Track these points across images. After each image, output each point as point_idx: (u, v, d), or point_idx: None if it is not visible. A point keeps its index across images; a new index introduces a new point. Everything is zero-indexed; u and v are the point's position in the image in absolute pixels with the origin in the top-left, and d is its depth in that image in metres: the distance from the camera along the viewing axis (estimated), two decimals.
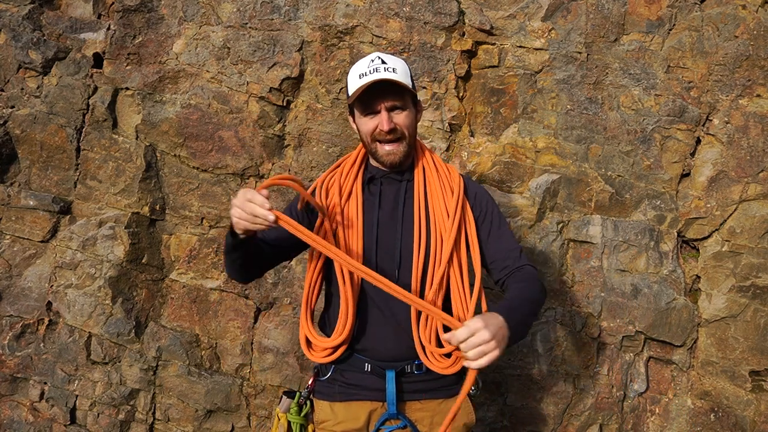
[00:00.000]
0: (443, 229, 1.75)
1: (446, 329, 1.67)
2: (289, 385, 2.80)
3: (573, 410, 2.72)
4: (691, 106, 2.61)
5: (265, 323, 2.86)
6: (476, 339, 1.36)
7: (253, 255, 1.72)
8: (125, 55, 2.86)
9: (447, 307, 1.75)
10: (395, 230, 1.78)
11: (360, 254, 1.74)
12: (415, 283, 1.72)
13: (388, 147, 1.76)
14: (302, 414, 1.84)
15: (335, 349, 1.74)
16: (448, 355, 1.70)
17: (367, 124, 1.77)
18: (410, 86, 1.76)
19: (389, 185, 1.84)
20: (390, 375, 1.74)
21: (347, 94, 1.82)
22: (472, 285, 1.73)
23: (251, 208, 1.47)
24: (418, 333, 1.70)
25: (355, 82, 1.76)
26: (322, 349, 1.74)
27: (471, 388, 1.79)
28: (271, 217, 1.46)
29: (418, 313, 1.71)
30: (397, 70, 1.73)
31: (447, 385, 1.77)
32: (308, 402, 1.86)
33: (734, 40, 2.55)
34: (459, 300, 1.72)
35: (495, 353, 1.37)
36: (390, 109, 1.73)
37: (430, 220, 1.78)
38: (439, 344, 1.70)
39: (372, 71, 1.72)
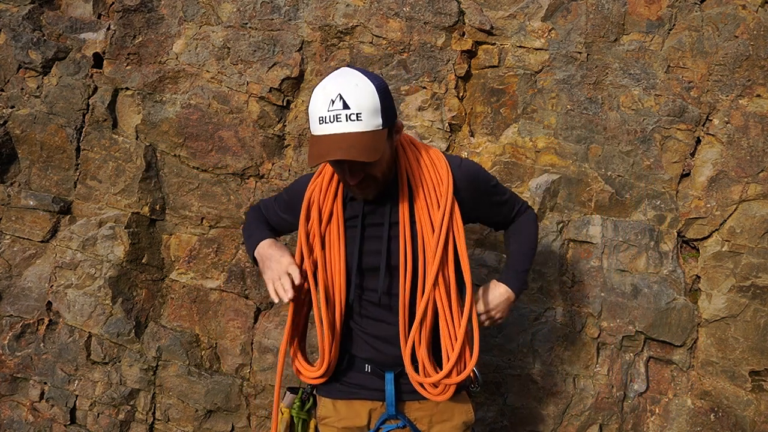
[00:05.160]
0: (429, 248, 1.65)
1: (437, 352, 1.71)
2: (289, 385, 2.80)
3: (573, 410, 2.72)
4: (691, 106, 2.61)
5: (265, 323, 2.86)
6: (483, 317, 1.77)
7: None
8: (125, 55, 2.86)
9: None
10: (379, 254, 1.71)
11: (343, 284, 1.73)
12: (402, 309, 1.68)
13: (358, 189, 1.63)
14: (305, 409, 1.85)
15: (323, 375, 1.78)
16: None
17: (331, 165, 1.65)
18: (380, 125, 1.52)
19: (371, 203, 1.72)
20: (389, 377, 1.76)
21: (309, 122, 1.65)
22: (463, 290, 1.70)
23: (284, 281, 1.67)
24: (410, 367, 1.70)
25: (313, 120, 1.53)
26: (310, 378, 1.80)
27: (471, 386, 1.82)
28: (286, 299, 1.66)
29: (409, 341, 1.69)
30: (362, 114, 1.48)
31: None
32: (311, 398, 1.87)
33: (734, 40, 2.55)
34: (447, 327, 1.67)
35: (500, 319, 1.81)
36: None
37: (417, 236, 1.68)
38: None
39: (332, 119, 1.48)
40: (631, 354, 2.69)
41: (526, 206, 1.93)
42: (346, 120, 1.48)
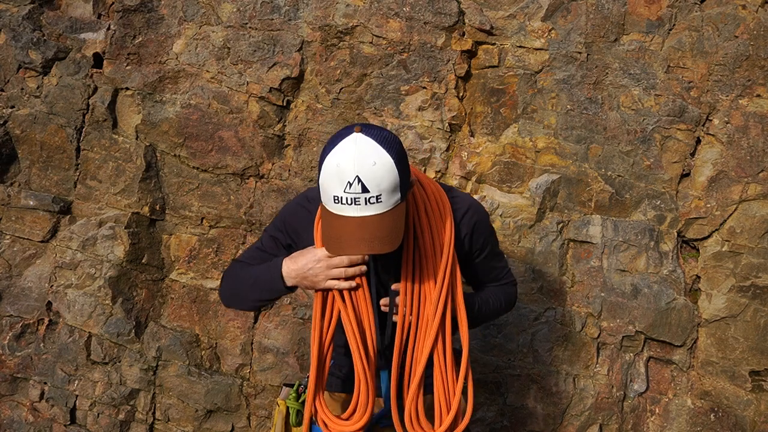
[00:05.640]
0: (430, 302, 1.61)
1: (429, 411, 1.70)
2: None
3: (573, 410, 2.72)
4: (691, 106, 2.61)
5: (265, 323, 2.86)
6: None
7: None
8: (125, 55, 2.86)
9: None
10: (378, 299, 1.68)
11: (373, 331, 1.66)
12: (396, 363, 1.65)
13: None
14: (300, 401, 1.87)
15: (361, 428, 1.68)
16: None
17: None
18: (399, 199, 1.45)
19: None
20: (384, 375, 1.78)
21: (318, 185, 1.48)
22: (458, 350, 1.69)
23: (347, 270, 1.58)
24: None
25: (326, 194, 1.44)
26: None
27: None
28: (365, 268, 1.58)
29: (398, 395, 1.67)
30: (382, 195, 1.40)
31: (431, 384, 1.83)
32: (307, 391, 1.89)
33: (734, 40, 2.55)
34: (442, 383, 1.64)
35: None
36: None
37: (422, 286, 1.63)
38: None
39: (349, 201, 1.40)
40: (631, 354, 2.69)
41: (514, 281, 1.91)
42: (366, 203, 1.39)
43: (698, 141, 2.63)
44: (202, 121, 2.83)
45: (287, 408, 1.87)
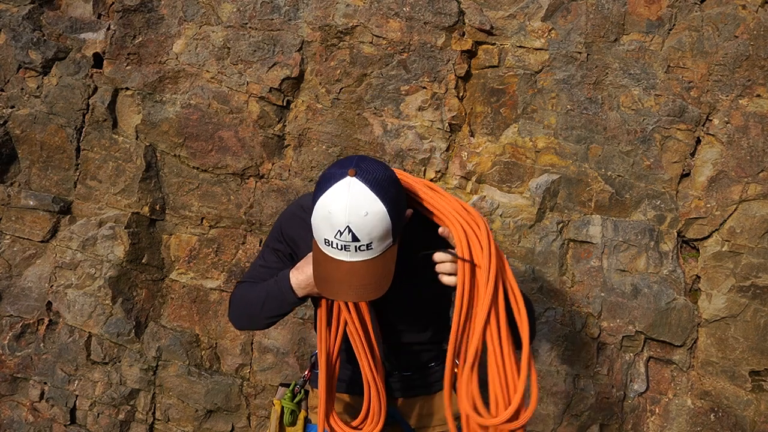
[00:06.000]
0: (480, 272, 1.51)
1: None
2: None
3: (573, 410, 2.72)
4: (691, 106, 2.61)
5: None
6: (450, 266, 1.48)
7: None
8: (125, 55, 2.86)
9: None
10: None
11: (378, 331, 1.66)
12: (453, 344, 1.58)
13: None
14: (295, 401, 1.87)
15: None
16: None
17: None
18: (391, 243, 1.44)
19: None
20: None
21: (312, 229, 1.45)
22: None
23: None
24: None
25: (318, 234, 1.43)
26: None
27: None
28: None
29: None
30: (372, 243, 1.39)
31: (432, 383, 1.84)
32: (302, 390, 1.90)
33: (734, 40, 2.55)
34: (497, 371, 1.50)
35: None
36: None
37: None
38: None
39: (339, 247, 1.39)
40: (631, 354, 2.69)
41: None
42: (356, 251, 1.39)
43: (698, 141, 2.63)
44: (202, 121, 2.83)
45: (282, 408, 1.87)
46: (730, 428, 2.62)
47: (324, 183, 1.40)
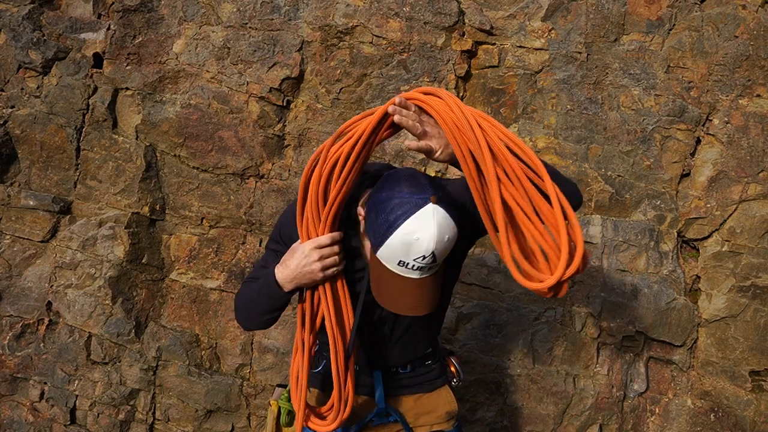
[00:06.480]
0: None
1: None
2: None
3: (573, 410, 2.72)
4: (691, 106, 2.61)
5: None
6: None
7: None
8: (125, 55, 2.86)
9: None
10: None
11: (352, 321, 1.63)
12: None
13: None
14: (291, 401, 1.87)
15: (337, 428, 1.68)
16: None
17: None
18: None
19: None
20: (377, 375, 1.80)
21: (379, 238, 1.41)
22: None
23: (326, 260, 1.52)
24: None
25: (391, 257, 1.40)
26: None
27: (453, 380, 1.89)
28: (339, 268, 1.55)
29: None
30: (441, 260, 1.43)
31: (429, 380, 1.85)
32: None
33: (734, 40, 2.55)
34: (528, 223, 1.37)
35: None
36: None
37: None
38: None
39: (416, 268, 1.40)
40: (631, 354, 2.69)
41: None
42: (428, 270, 1.42)
43: (698, 141, 2.63)
44: (202, 121, 2.83)
45: (279, 408, 1.87)
46: (730, 428, 2.62)
47: (402, 208, 1.37)
